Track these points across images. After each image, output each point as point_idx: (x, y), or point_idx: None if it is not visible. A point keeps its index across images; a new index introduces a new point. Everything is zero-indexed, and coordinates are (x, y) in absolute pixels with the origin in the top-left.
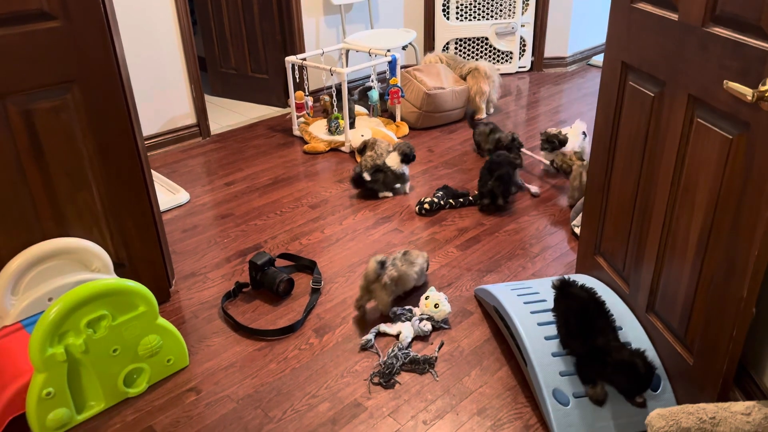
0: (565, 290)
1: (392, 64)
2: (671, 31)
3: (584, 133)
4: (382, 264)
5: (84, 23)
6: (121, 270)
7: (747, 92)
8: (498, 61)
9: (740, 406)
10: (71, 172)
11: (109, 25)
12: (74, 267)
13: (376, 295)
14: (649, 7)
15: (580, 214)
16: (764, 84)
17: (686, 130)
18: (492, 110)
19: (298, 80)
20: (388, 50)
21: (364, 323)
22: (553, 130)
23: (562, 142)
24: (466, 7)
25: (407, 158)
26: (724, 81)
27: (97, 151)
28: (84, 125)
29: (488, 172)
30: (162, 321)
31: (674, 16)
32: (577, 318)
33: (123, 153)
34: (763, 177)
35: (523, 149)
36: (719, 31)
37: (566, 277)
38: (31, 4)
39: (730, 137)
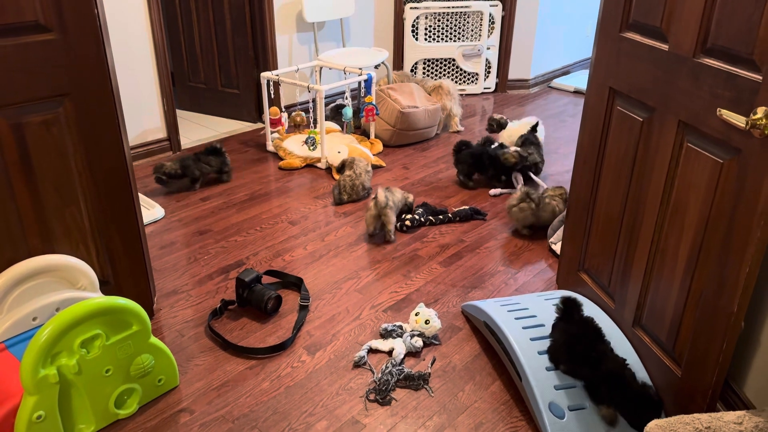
0: (568, 316)
1: (368, 82)
2: (661, 61)
3: (534, 127)
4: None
5: (79, 36)
6: (105, 287)
7: (741, 120)
8: (464, 81)
9: (732, 415)
10: (60, 187)
11: (103, 38)
12: (60, 285)
13: (386, 218)
14: (638, 37)
15: (557, 232)
16: (755, 113)
17: (676, 154)
18: (461, 127)
19: (273, 96)
20: (361, 69)
21: (354, 340)
22: (495, 116)
23: (501, 125)
24: (434, 28)
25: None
26: (718, 109)
27: (86, 166)
28: (75, 139)
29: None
30: (154, 340)
31: (664, 47)
32: (581, 345)
33: (113, 167)
34: (755, 198)
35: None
36: (711, 62)
37: (571, 295)
38: (27, 15)
39: (721, 161)
